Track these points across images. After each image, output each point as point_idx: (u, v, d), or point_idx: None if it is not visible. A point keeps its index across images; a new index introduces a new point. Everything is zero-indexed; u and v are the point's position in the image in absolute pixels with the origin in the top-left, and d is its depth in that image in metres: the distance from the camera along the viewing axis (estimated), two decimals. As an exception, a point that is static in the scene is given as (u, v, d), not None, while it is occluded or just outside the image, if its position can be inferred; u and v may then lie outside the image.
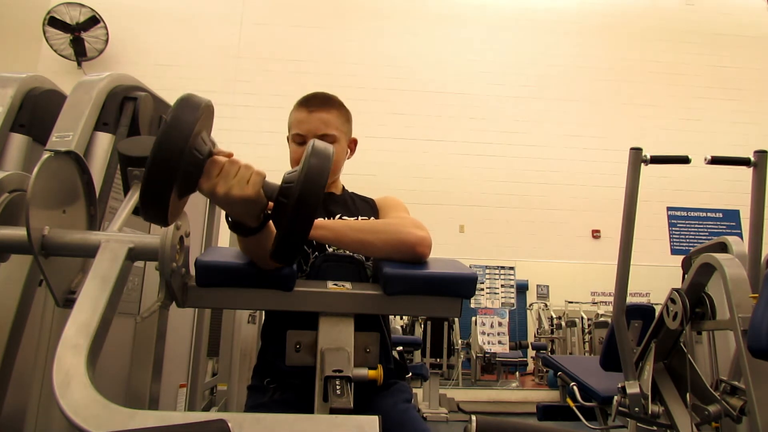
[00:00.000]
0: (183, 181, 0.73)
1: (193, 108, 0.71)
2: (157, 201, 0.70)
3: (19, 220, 0.94)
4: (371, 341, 1.01)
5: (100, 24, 6.17)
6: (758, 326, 1.13)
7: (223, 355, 2.07)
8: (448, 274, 1.01)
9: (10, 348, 1.04)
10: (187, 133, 0.69)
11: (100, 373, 0.73)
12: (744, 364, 1.34)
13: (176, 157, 0.68)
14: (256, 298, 0.97)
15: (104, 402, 0.65)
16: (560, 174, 6.62)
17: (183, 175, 0.72)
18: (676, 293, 1.69)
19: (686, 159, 1.84)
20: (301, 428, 0.67)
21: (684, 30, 7.22)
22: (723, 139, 6.64)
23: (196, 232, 1.75)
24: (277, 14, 6.79)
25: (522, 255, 6.34)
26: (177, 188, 0.72)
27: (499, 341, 5.83)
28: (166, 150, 0.67)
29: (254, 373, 1.22)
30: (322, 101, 1.27)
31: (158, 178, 0.68)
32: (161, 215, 0.72)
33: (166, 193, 0.69)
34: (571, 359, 3.77)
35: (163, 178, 0.68)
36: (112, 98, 1.28)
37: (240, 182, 0.76)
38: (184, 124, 0.69)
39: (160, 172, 0.68)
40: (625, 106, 6.92)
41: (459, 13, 7.05)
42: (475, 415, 0.75)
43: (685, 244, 6.51)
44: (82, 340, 0.72)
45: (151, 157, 0.67)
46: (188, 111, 0.70)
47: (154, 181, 0.68)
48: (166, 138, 0.68)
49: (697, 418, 1.60)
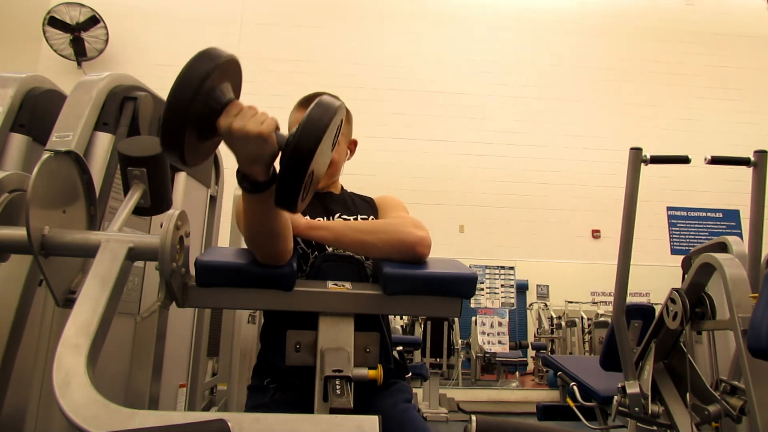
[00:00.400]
0: (200, 124, 0.79)
1: (210, 58, 0.77)
2: (171, 140, 0.76)
3: (19, 220, 0.94)
4: (371, 341, 1.01)
5: (100, 24, 6.17)
6: (758, 326, 1.13)
7: (223, 355, 2.07)
8: (448, 274, 1.01)
9: (10, 348, 1.04)
10: (199, 78, 0.75)
11: (100, 373, 0.73)
12: (744, 364, 1.34)
13: (187, 100, 0.74)
14: (256, 298, 0.97)
15: (104, 402, 0.65)
16: (560, 174, 6.62)
17: (200, 118, 0.78)
18: (676, 293, 1.69)
19: (686, 159, 1.84)
20: (301, 428, 0.67)
21: (684, 30, 7.21)
22: (723, 139, 6.64)
23: (196, 232, 1.75)
24: (277, 14, 6.79)
25: (522, 255, 6.34)
26: (195, 131, 0.78)
27: (499, 341, 5.83)
28: (178, 93, 0.74)
29: (254, 374, 1.22)
30: None
31: (171, 117, 0.75)
32: (177, 154, 0.77)
33: (180, 133, 0.75)
34: (571, 359, 3.77)
35: (175, 118, 0.74)
36: (112, 98, 1.28)
37: (256, 120, 0.80)
38: (197, 71, 0.75)
39: (172, 112, 0.74)
40: (625, 106, 6.91)
41: (459, 13, 7.05)
42: (475, 415, 0.75)
43: (685, 244, 6.51)
44: (82, 340, 0.72)
45: (167, 101, 0.74)
46: (203, 60, 0.77)
47: (169, 120, 0.75)
48: (178, 82, 0.75)
49: (697, 417, 1.60)
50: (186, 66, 0.76)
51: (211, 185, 1.86)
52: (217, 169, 1.92)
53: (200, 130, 0.80)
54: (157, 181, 1.01)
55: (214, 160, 1.89)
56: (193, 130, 0.78)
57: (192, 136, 0.78)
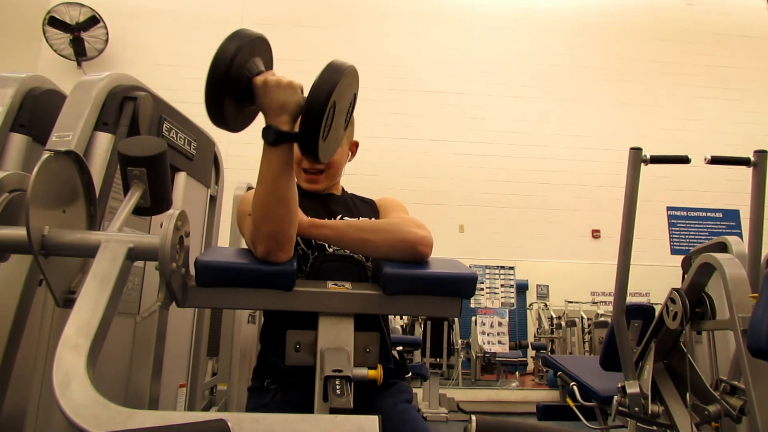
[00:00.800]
0: (237, 94, 0.92)
1: (240, 37, 0.90)
2: (212, 108, 0.89)
3: (19, 220, 0.94)
4: (371, 341, 1.01)
5: (100, 24, 6.17)
6: (758, 326, 1.13)
7: (223, 354, 2.06)
8: (447, 273, 1.01)
9: (10, 348, 1.04)
10: (231, 53, 0.87)
11: (100, 373, 0.73)
12: (744, 363, 1.34)
13: (222, 72, 0.87)
14: (256, 298, 0.97)
15: (104, 402, 0.65)
16: (560, 174, 6.62)
17: (236, 88, 0.91)
18: (676, 293, 1.69)
19: (686, 159, 1.84)
20: (301, 428, 0.67)
21: (684, 30, 7.21)
22: (723, 139, 6.64)
23: (195, 232, 1.75)
24: (277, 14, 6.79)
25: (522, 255, 6.34)
26: (234, 100, 0.92)
27: (499, 341, 5.83)
28: (214, 66, 0.87)
29: (254, 375, 1.22)
30: None
31: (209, 89, 0.88)
32: (219, 119, 0.91)
33: (219, 101, 0.89)
34: (571, 359, 3.77)
35: (212, 89, 0.88)
36: (112, 98, 1.28)
37: (288, 78, 0.96)
38: (229, 47, 0.88)
39: (210, 84, 0.87)
40: (625, 106, 6.91)
41: (459, 13, 7.05)
42: (475, 415, 0.75)
43: (685, 243, 6.50)
44: (82, 340, 0.72)
45: (207, 76, 0.87)
46: (234, 39, 0.89)
47: (208, 92, 0.88)
48: (214, 59, 0.87)
49: (696, 417, 1.60)
50: (220, 45, 0.88)
51: (211, 185, 1.87)
52: (217, 169, 1.92)
53: (238, 99, 0.93)
54: (156, 181, 1.01)
55: (214, 160, 1.89)
56: (232, 99, 0.91)
57: (231, 104, 0.91)
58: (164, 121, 1.45)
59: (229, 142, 2.26)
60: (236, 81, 0.90)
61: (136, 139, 1.08)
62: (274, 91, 0.93)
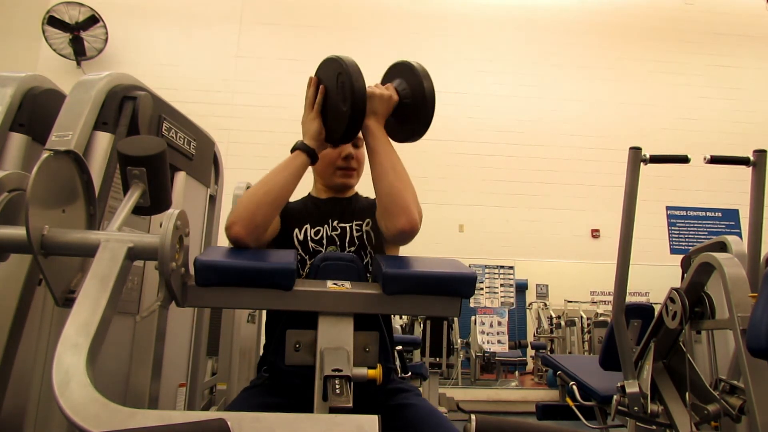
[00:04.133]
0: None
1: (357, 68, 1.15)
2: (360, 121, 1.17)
3: (19, 220, 0.94)
4: (371, 340, 1.01)
5: (100, 23, 6.17)
6: (757, 325, 1.13)
7: (223, 354, 2.07)
8: (447, 273, 1.01)
9: (9, 347, 1.04)
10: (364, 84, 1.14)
11: (100, 372, 0.73)
12: (743, 363, 1.34)
13: (364, 99, 1.14)
14: (256, 297, 0.97)
15: (104, 401, 0.65)
16: (560, 174, 6.62)
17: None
18: (676, 292, 1.69)
19: (686, 158, 1.84)
20: (301, 427, 0.67)
21: (684, 29, 7.22)
22: (723, 139, 6.64)
23: (195, 232, 1.75)
24: (277, 14, 6.79)
25: (521, 254, 6.35)
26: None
27: (499, 341, 5.83)
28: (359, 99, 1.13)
29: (257, 369, 1.23)
30: None
31: (356, 116, 1.14)
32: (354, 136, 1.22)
33: (364, 114, 1.16)
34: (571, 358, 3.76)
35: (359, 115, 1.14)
36: (111, 98, 1.28)
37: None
38: (361, 81, 1.13)
39: (358, 111, 1.14)
40: (625, 106, 6.92)
41: (459, 12, 7.05)
42: (475, 415, 0.75)
43: (685, 243, 6.51)
44: (81, 340, 0.72)
45: (351, 106, 1.12)
46: (359, 72, 1.14)
47: (355, 117, 1.14)
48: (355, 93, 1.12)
49: (696, 417, 1.60)
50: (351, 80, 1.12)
51: (210, 185, 1.86)
52: (216, 168, 1.92)
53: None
54: (156, 181, 1.01)
55: (214, 160, 1.89)
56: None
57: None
58: (164, 120, 1.45)
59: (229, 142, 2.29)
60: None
61: (136, 138, 1.08)
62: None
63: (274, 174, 1.17)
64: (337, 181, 1.39)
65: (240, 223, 1.09)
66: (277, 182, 1.15)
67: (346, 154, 1.36)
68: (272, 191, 1.14)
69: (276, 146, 2.73)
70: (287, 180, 1.16)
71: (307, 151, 1.19)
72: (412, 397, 1.15)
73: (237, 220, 1.10)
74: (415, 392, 1.19)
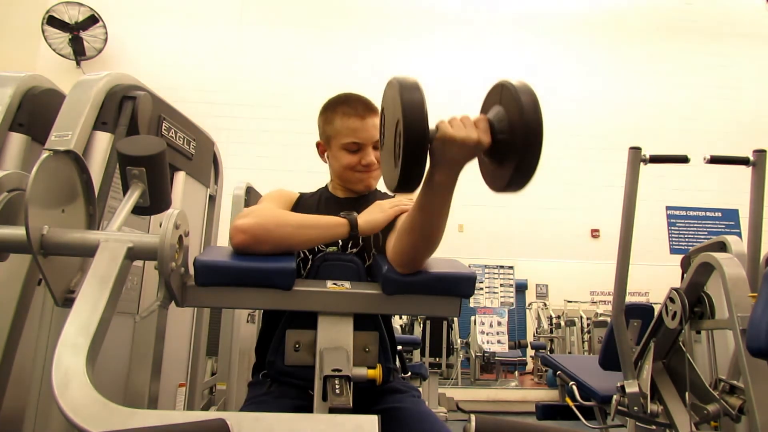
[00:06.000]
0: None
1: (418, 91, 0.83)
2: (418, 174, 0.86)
3: (18, 220, 0.94)
4: (370, 340, 1.01)
5: (99, 23, 6.17)
6: (757, 325, 1.13)
7: (222, 354, 2.06)
8: (446, 273, 1.01)
9: (9, 347, 1.04)
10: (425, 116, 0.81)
11: (100, 372, 0.73)
12: (743, 363, 1.34)
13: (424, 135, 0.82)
14: (256, 297, 0.97)
15: (103, 401, 0.65)
16: (560, 174, 6.62)
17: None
18: (675, 292, 1.69)
19: (685, 158, 1.84)
20: (301, 427, 0.67)
21: (683, 29, 7.22)
22: (722, 139, 6.65)
23: (195, 232, 1.74)
24: (276, 14, 6.79)
25: (521, 254, 6.35)
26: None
27: (498, 340, 5.83)
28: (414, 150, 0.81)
29: (253, 371, 1.23)
30: (367, 106, 1.28)
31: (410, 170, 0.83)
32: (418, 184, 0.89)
33: (423, 165, 0.85)
34: (570, 358, 3.77)
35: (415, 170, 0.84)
36: (111, 97, 1.28)
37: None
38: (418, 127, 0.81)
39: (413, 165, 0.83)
40: (625, 106, 6.92)
41: (460, 13, 7.05)
42: (475, 415, 0.75)
43: (684, 243, 6.51)
44: (81, 340, 0.72)
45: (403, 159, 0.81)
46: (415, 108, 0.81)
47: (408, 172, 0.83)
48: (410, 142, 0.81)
49: (696, 417, 1.60)
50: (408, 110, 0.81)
51: (210, 185, 1.86)
52: (216, 168, 1.92)
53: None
54: (156, 181, 1.01)
55: (213, 160, 1.89)
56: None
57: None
58: (163, 120, 1.45)
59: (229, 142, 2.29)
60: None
61: (136, 138, 1.08)
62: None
63: (312, 224, 1.09)
64: (356, 186, 1.33)
65: (252, 239, 1.01)
66: (309, 235, 1.09)
67: (367, 162, 1.27)
68: (297, 237, 1.07)
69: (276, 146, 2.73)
70: (317, 238, 1.11)
71: (352, 230, 1.11)
72: (406, 399, 1.13)
73: (249, 232, 1.01)
74: (412, 393, 1.18)
